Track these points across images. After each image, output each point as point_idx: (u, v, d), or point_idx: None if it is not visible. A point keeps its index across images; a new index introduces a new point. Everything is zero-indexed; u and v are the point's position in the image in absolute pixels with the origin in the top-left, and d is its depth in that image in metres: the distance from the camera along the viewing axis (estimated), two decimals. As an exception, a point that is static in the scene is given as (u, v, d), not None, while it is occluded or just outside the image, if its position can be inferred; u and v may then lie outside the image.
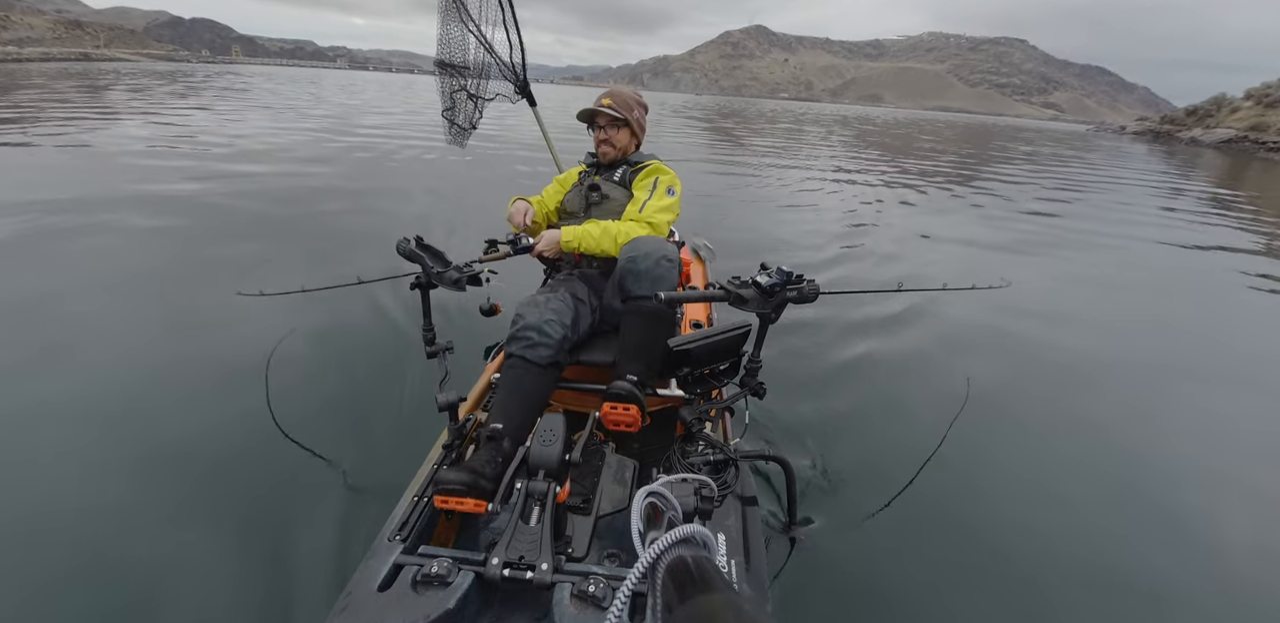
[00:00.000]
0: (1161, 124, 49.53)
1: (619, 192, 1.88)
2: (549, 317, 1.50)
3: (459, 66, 2.65)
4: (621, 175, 1.91)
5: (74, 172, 6.12)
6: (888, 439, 2.24)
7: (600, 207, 1.88)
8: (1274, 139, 34.27)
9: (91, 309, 2.92)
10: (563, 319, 1.53)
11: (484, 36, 2.56)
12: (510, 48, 2.63)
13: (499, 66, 2.68)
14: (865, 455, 2.10)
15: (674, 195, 1.83)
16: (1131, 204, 9.07)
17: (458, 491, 1.13)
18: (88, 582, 1.43)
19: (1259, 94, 41.22)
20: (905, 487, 1.93)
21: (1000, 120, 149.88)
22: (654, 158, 1.96)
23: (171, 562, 1.49)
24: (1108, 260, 5.34)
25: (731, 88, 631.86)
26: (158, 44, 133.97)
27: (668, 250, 1.56)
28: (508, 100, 2.85)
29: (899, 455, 2.11)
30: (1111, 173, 14.61)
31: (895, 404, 2.50)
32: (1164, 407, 2.68)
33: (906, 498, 1.89)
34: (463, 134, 2.89)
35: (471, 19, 2.51)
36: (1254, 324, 3.98)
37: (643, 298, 1.52)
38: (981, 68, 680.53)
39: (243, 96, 19.58)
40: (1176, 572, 1.67)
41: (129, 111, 12.38)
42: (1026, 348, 3.18)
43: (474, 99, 2.77)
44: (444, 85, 2.74)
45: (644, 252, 1.53)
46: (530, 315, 1.50)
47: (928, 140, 23.09)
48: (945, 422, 2.26)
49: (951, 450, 2.13)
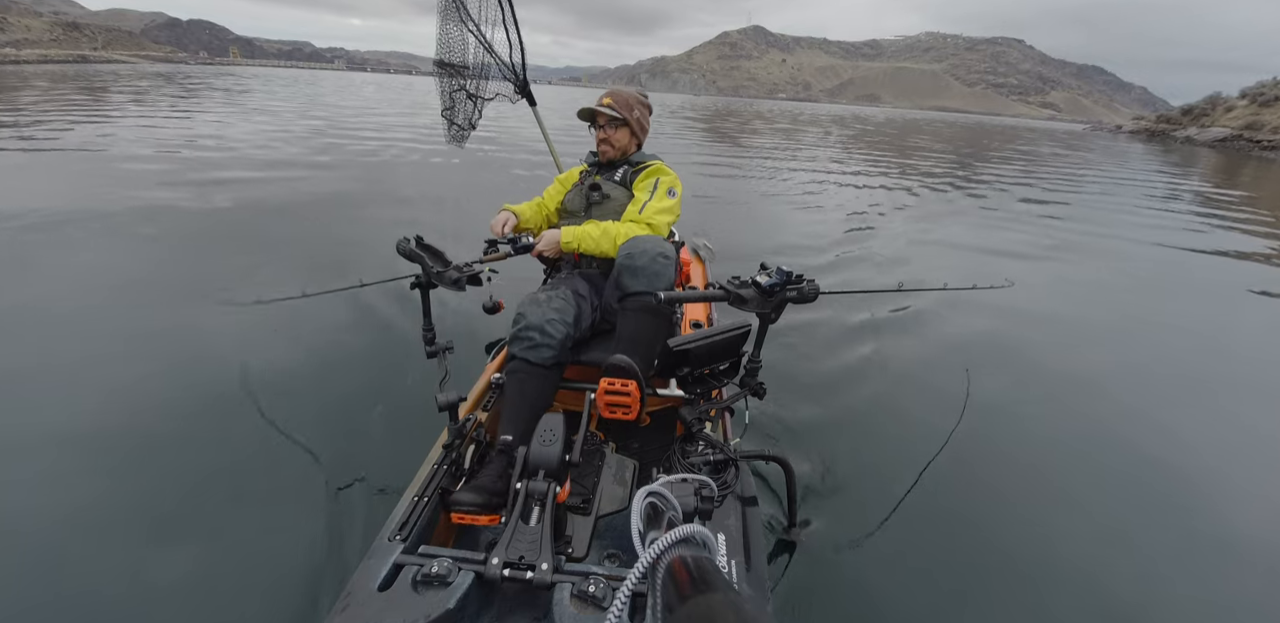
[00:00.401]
0: (1157, 123, 49.92)
1: (620, 192, 1.88)
2: (551, 316, 1.50)
3: (458, 66, 2.65)
4: (623, 175, 1.91)
5: (71, 177, 6.11)
6: (889, 440, 2.24)
7: (601, 206, 1.88)
8: (1269, 138, 34.53)
9: (87, 316, 2.92)
10: (565, 317, 1.53)
11: (483, 36, 2.55)
12: (510, 47, 2.63)
13: (499, 66, 2.68)
14: (866, 456, 2.10)
15: (674, 197, 1.83)
16: (1128, 204, 9.07)
17: (473, 511, 1.17)
18: (88, 582, 1.43)
19: (1254, 93, 41.51)
20: (909, 488, 1.93)
21: (997, 120, 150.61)
22: (656, 158, 1.96)
23: (171, 562, 1.49)
24: (1106, 261, 5.34)
25: (729, 88, 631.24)
26: (155, 45, 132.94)
27: (665, 248, 1.57)
28: (507, 100, 2.85)
29: (900, 456, 2.11)
30: (1109, 172, 14.63)
31: (897, 405, 2.49)
32: (1166, 407, 2.67)
33: (908, 499, 1.89)
34: (462, 134, 2.89)
35: (471, 19, 2.51)
36: (1255, 327, 3.98)
37: (640, 294, 1.52)
38: (979, 68, 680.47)
39: (243, 99, 19.56)
40: (1179, 575, 1.67)
41: (130, 114, 12.37)
42: (1028, 348, 3.17)
43: (473, 99, 2.77)
44: (443, 85, 2.74)
45: (641, 249, 1.54)
46: (532, 315, 1.50)
47: (925, 140, 23.12)
48: (947, 423, 2.26)
49: (954, 451, 2.12)
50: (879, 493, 1.90)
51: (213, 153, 7.89)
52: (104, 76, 28.65)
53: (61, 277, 3.33)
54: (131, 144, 8.14)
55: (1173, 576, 1.66)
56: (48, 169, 6.27)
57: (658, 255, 1.53)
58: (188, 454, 1.90)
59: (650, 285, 1.50)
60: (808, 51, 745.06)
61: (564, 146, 3.01)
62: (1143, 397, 2.75)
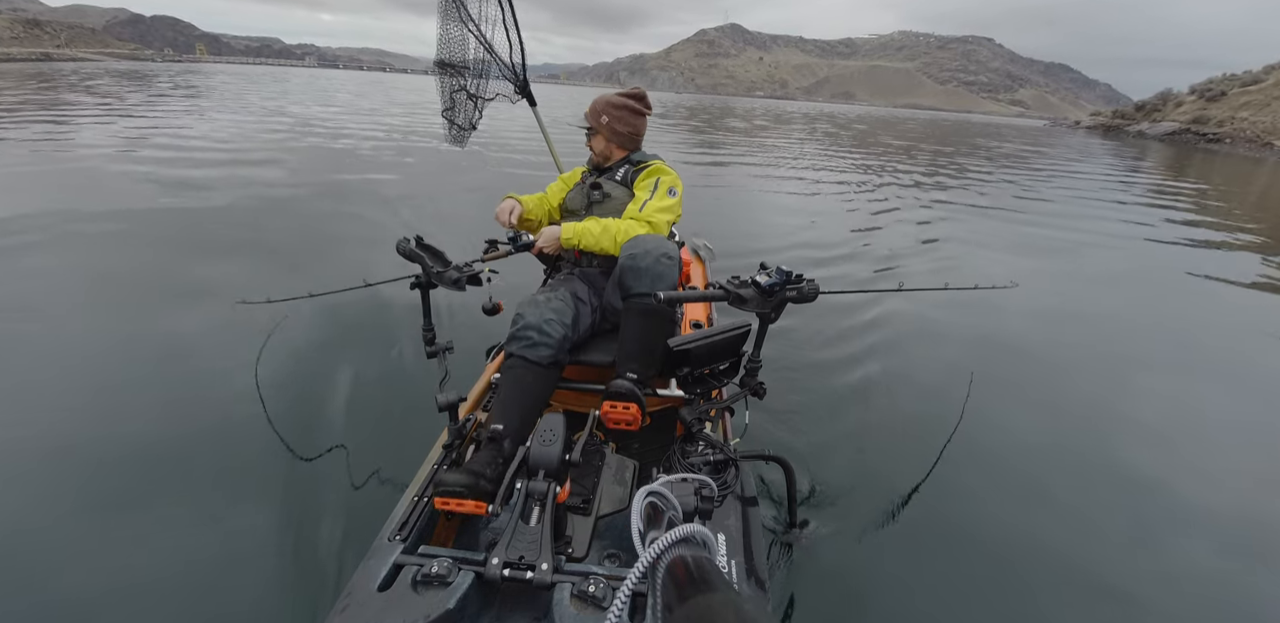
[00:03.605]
0: (1113, 119, 51.36)
1: (620, 191, 1.88)
2: (549, 316, 1.50)
3: (459, 66, 2.65)
4: (624, 175, 1.91)
5: (70, 179, 6.11)
6: (890, 440, 2.24)
7: (602, 205, 1.88)
8: (1213, 131, 36.55)
9: (87, 315, 2.92)
10: (563, 318, 1.53)
11: (484, 36, 2.55)
12: (510, 48, 2.63)
13: (499, 66, 2.68)
14: (866, 456, 2.10)
15: (675, 196, 1.83)
16: (1088, 198, 9.21)
17: (458, 492, 1.12)
18: (86, 583, 1.42)
19: (1201, 89, 42.93)
20: (910, 489, 1.93)
21: (969, 117, 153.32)
22: (657, 158, 1.96)
23: (171, 562, 1.49)
24: (1068, 255, 5.35)
25: (708, 86, 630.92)
26: (120, 43, 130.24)
27: (668, 248, 1.56)
28: (508, 100, 2.85)
29: (900, 457, 2.11)
30: (1070, 167, 14.90)
31: (897, 405, 2.49)
32: (1168, 408, 2.68)
33: (908, 499, 1.89)
34: (463, 134, 2.89)
35: (471, 19, 2.51)
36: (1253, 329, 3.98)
37: (642, 295, 1.51)
38: (950, 66, 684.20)
39: (217, 96, 19.54)
40: (1182, 579, 1.67)
41: (100, 114, 12.36)
42: (1031, 350, 3.17)
43: (474, 99, 2.76)
44: (444, 85, 2.73)
45: (645, 249, 1.52)
46: (530, 315, 1.50)
47: (900, 139, 23.12)
48: (948, 424, 2.26)
49: (955, 452, 2.12)
50: (879, 493, 1.90)
51: (208, 153, 7.90)
52: (71, 74, 27.86)
53: (62, 277, 3.33)
54: (103, 145, 8.14)
55: (1177, 581, 1.66)
56: (46, 173, 6.27)
57: (661, 256, 1.52)
58: (188, 453, 1.90)
59: (653, 286, 1.49)
60: (784, 50, 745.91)
61: (565, 151, 3.00)
62: (1143, 398, 2.75)
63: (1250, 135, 34.17)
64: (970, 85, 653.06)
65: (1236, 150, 31.05)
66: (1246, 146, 32.46)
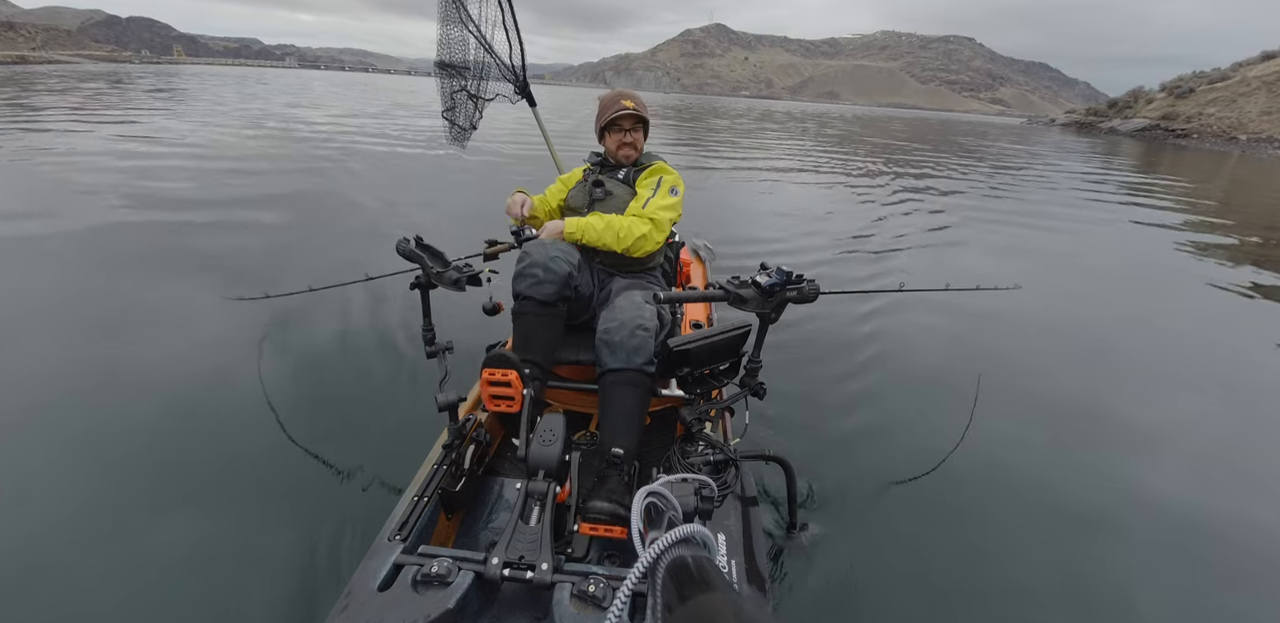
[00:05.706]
0: (1086, 116, 52.27)
1: (623, 189, 1.88)
2: (554, 254, 1.52)
3: (459, 67, 2.65)
4: (626, 174, 1.92)
5: (68, 181, 6.12)
6: (891, 440, 2.23)
7: (604, 203, 1.88)
8: (1181, 127, 37.77)
9: (87, 316, 2.92)
10: (569, 258, 1.55)
11: (484, 37, 2.56)
12: (510, 48, 2.63)
13: (499, 67, 2.68)
14: (866, 456, 2.10)
15: (677, 195, 1.83)
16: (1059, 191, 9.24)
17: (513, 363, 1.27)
18: (86, 583, 1.43)
19: (1171, 86, 43.73)
20: (910, 489, 1.93)
21: (951, 116, 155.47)
22: (658, 158, 1.96)
23: (171, 562, 1.49)
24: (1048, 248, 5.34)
25: (694, 86, 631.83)
26: (96, 44, 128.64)
27: (643, 319, 1.45)
28: (507, 101, 2.85)
29: (900, 458, 2.10)
30: (1048, 165, 14.95)
31: (899, 406, 2.49)
32: (1169, 408, 2.67)
33: (909, 500, 1.89)
34: (463, 135, 2.89)
35: (471, 20, 2.51)
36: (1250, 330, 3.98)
37: (619, 371, 1.42)
38: (932, 65, 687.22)
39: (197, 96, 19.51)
40: (1183, 581, 1.67)
41: (87, 119, 12.36)
42: (1035, 350, 3.16)
43: (474, 99, 2.77)
44: (444, 86, 2.74)
45: (619, 322, 1.44)
46: (536, 253, 1.52)
47: (896, 137, 23.15)
48: (951, 425, 2.25)
49: (956, 454, 2.11)
50: (879, 494, 1.89)
51: (205, 151, 7.90)
52: (46, 78, 27.60)
53: (63, 277, 3.33)
54: (88, 148, 8.15)
55: (1180, 584, 1.66)
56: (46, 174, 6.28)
57: (636, 328, 1.42)
58: (188, 450, 1.91)
59: (629, 361, 1.41)
60: (769, 50, 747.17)
61: (565, 153, 3.00)
62: (1150, 399, 2.74)
63: (1217, 130, 35.48)
64: (952, 84, 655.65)
65: (1204, 145, 32.28)
66: (1213, 141, 33.84)
